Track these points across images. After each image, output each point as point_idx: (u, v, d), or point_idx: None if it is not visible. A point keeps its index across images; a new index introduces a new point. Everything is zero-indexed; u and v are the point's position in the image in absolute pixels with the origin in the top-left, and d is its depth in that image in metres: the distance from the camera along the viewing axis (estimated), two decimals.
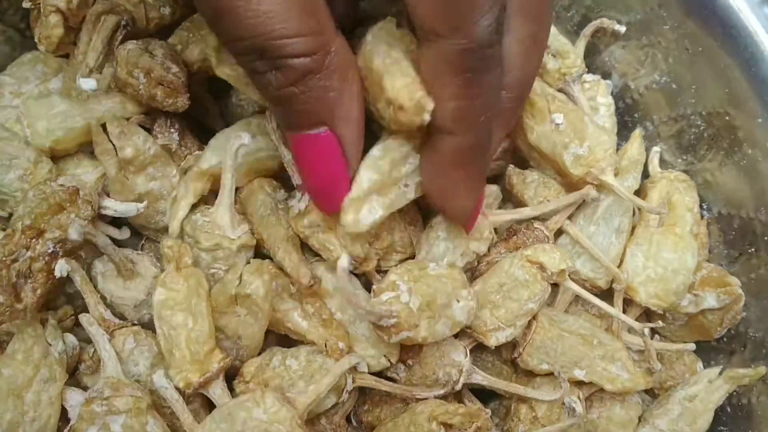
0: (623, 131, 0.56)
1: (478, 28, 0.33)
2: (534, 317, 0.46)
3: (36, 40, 0.49)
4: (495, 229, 0.48)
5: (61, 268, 0.41)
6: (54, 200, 0.40)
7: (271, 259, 0.44)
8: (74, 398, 0.42)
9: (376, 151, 0.39)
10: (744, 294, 0.49)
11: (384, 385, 0.44)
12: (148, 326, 0.44)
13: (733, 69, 0.48)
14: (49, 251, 0.40)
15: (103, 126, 0.44)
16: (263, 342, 0.44)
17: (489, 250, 0.47)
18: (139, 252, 0.47)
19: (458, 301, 0.42)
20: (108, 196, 0.44)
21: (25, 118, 0.44)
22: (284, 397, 0.39)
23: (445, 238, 0.45)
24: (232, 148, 0.42)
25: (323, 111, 0.36)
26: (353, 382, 0.44)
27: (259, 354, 0.44)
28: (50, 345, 0.42)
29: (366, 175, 0.38)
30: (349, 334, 0.44)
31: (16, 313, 0.40)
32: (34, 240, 0.40)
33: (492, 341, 0.44)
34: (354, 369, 0.43)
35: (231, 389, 0.43)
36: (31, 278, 0.40)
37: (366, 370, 0.44)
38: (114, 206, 0.43)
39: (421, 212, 0.47)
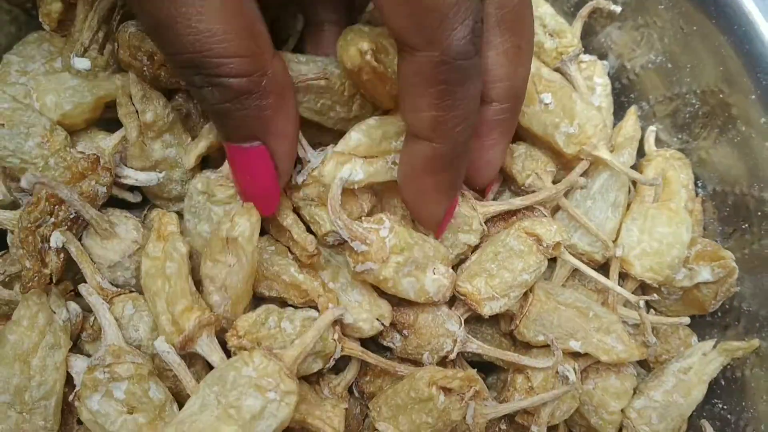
0: (620, 111, 0.57)
1: (451, 40, 0.34)
2: (530, 290, 0.46)
3: (40, 19, 0.50)
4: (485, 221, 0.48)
5: (56, 239, 0.42)
6: (76, 168, 0.42)
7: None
8: (79, 365, 0.42)
9: (372, 120, 0.40)
10: (738, 268, 0.49)
11: (370, 358, 0.45)
12: (123, 288, 0.45)
13: (727, 47, 0.49)
14: (71, 217, 0.42)
15: (112, 102, 0.46)
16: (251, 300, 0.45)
17: (488, 228, 0.48)
18: (127, 215, 0.47)
19: (434, 272, 0.43)
20: (125, 165, 0.45)
21: (35, 91, 0.45)
22: (271, 353, 0.39)
23: None
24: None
25: (257, 127, 0.37)
26: (341, 350, 0.44)
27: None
28: (54, 313, 0.43)
29: (356, 135, 0.39)
30: (340, 302, 0.44)
31: (44, 278, 0.41)
32: (57, 206, 0.41)
33: (485, 310, 0.44)
34: (345, 340, 0.44)
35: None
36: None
37: (350, 321, 0.44)
38: (135, 176, 0.44)
39: None
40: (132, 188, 0.47)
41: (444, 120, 0.37)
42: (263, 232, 0.46)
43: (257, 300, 0.45)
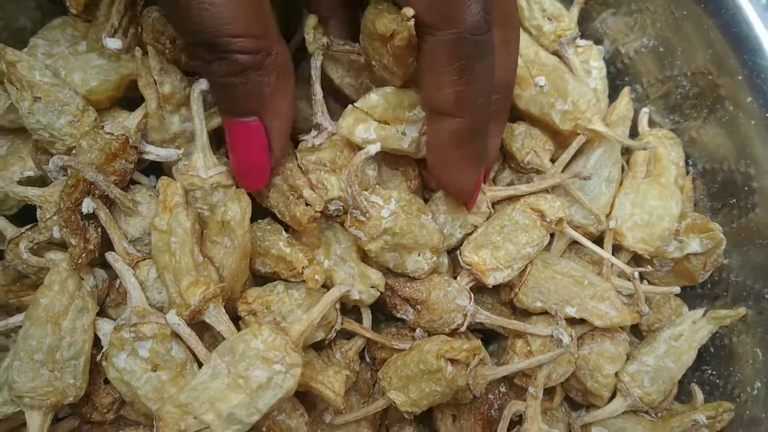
0: (615, 94, 0.59)
1: (467, 16, 0.37)
2: (530, 262, 0.49)
3: (67, 4, 0.53)
4: (493, 204, 0.51)
5: (87, 205, 0.44)
6: (109, 149, 0.44)
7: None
8: (105, 327, 0.45)
9: (389, 88, 0.43)
10: (725, 239, 0.52)
11: (366, 332, 0.48)
12: None
13: (715, 30, 0.52)
14: (105, 194, 0.45)
15: (134, 82, 0.48)
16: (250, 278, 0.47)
17: (494, 207, 0.51)
18: (151, 194, 0.49)
19: (419, 255, 0.46)
20: (146, 141, 0.47)
21: (64, 69, 0.48)
22: (279, 327, 0.42)
23: (444, 211, 0.49)
24: (194, 94, 0.45)
25: (256, 103, 0.41)
26: (341, 323, 0.48)
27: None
28: (82, 279, 0.45)
29: (374, 97, 0.43)
30: (332, 275, 0.47)
31: (90, 253, 0.44)
32: (92, 185, 0.44)
33: (490, 280, 0.47)
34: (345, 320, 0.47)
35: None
36: (92, 219, 0.45)
37: (357, 297, 0.47)
38: (156, 151, 0.47)
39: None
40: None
41: (466, 94, 0.40)
42: (263, 215, 0.48)
43: (258, 280, 0.48)
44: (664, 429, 0.50)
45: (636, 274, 0.50)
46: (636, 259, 0.54)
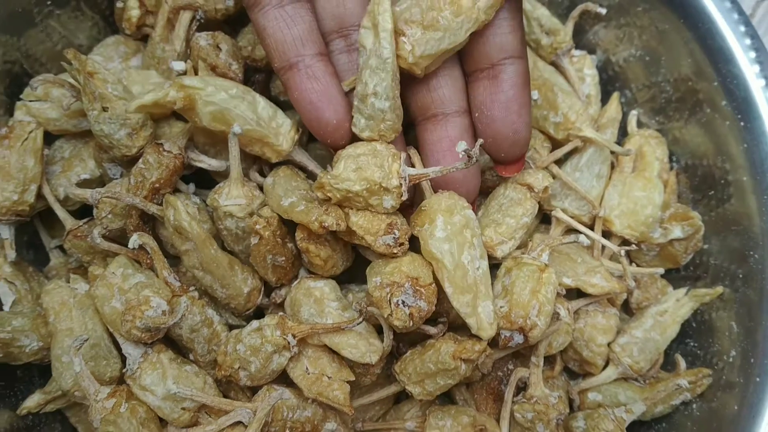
0: (606, 99, 0.66)
1: None
2: (530, 238, 0.56)
3: (121, 25, 0.60)
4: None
5: (134, 242, 0.50)
6: (170, 168, 0.51)
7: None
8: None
9: None
10: (703, 226, 0.59)
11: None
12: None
13: (694, 42, 0.58)
14: (158, 202, 0.52)
15: None
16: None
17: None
18: (188, 203, 0.53)
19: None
20: (196, 148, 0.54)
21: (126, 80, 0.55)
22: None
23: None
24: (232, 138, 0.48)
25: None
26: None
27: None
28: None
29: None
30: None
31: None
32: (154, 195, 0.51)
33: (499, 253, 0.53)
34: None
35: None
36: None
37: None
38: (208, 161, 0.54)
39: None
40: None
41: (523, 36, 0.47)
42: None
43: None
44: (651, 393, 0.57)
45: (623, 252, 0.57)
46: (625, 246, 0.61)
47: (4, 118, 0.58)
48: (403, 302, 0.47)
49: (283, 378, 0.51)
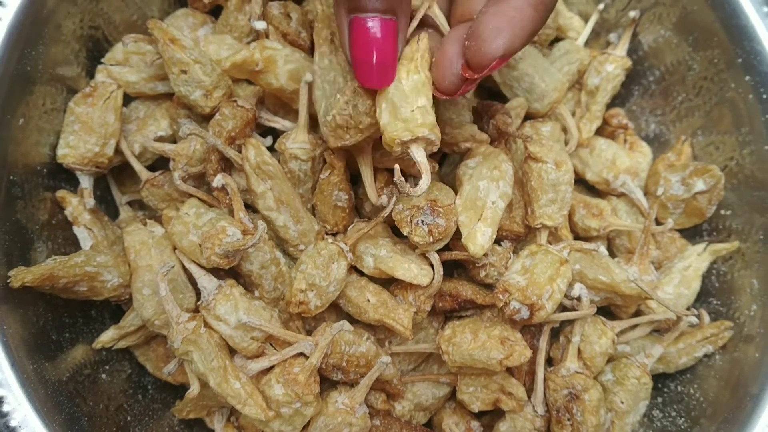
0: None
1: None
2: None
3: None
4: None
5: (218, 181, 0.54)
6: (244, 119, 0.56)
7: None
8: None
9: None
10: (723, 176, 0.63)
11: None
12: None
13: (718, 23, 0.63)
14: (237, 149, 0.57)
15: None
16: None
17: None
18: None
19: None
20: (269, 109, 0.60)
21: (203, 41, 0.60)
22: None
23: None
24: (303, 84, 0.55)
25: (398, 3, 0.45)
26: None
27: None
28: None
29: None
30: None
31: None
32: (230, 144, 0.56)
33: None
34: None
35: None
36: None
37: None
38: (282, 122, 0.59)
39: None
40: None
41: None
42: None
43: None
44: (676, 345, 0.62)
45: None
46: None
47: (85, 80, 0.63)
48: (422, 221, 0.52)
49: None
